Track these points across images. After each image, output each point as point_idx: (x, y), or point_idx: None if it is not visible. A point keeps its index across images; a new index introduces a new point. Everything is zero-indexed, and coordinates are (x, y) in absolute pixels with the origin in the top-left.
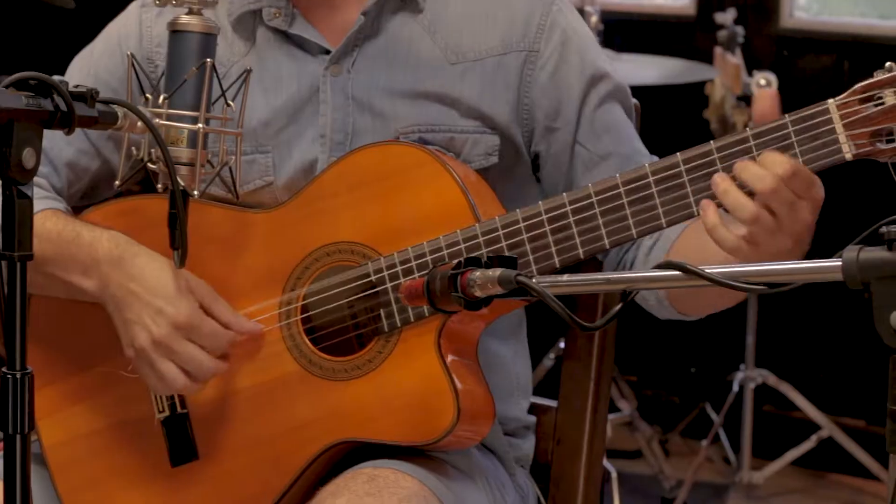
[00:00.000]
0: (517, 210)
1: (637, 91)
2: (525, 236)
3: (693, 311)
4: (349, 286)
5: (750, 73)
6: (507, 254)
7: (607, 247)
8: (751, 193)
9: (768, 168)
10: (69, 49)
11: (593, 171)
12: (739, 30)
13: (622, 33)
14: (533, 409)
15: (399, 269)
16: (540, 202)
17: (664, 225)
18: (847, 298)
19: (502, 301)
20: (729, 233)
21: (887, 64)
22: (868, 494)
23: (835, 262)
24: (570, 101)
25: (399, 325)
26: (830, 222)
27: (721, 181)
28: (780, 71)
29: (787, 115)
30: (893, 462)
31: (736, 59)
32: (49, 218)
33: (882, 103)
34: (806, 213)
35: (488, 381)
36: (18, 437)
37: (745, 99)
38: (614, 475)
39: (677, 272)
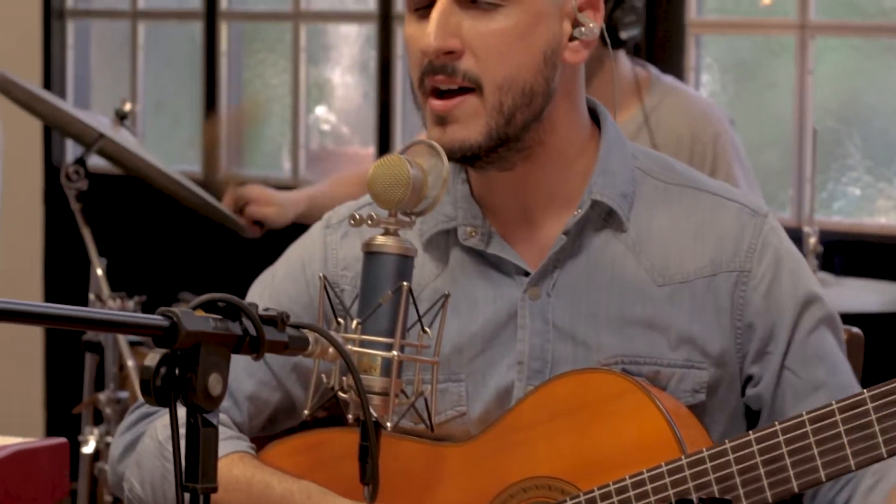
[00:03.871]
0: (725, 440)
1: (859, 319)
2: (735, 468)
3: None
4: None
5: None
6: (714, 487)
7: (823, 479)
8: None
9: None
10: (248, 272)
11: (804, 402)
12: None
13: (842, 255)
14: None
15: None
16: (749, 432)
17: (884, 456)
18: None
19: None
20: None
21: None
22: None
23: None
24: (783, 324)
25: None
26: None
27: None
28: None
29: None
30: None
31: None
32: (236, 464)
33: None
34: None
35: None
36: None
37: None
38: None
39: None
